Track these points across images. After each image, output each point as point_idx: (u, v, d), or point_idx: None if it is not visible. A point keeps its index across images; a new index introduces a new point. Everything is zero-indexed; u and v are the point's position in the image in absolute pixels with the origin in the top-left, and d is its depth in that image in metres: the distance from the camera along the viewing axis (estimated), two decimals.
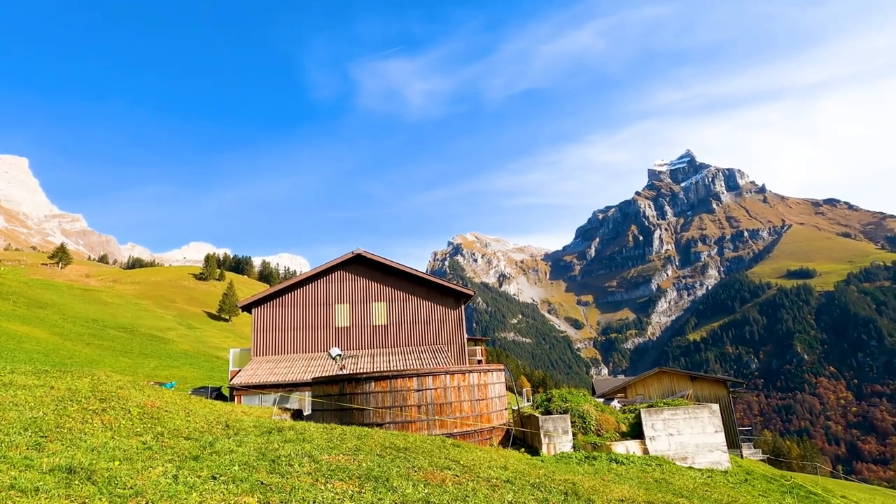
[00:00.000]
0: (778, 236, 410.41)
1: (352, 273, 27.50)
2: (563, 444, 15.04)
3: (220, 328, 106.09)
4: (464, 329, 26.95)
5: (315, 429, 9.56)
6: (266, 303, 27.00)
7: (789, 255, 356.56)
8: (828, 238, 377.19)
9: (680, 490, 10.50)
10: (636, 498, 7.69)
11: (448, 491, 6.29)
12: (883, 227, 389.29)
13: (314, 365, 24.07)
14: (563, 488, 7.48)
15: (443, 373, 14.89)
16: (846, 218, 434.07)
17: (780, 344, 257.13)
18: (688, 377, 32.87)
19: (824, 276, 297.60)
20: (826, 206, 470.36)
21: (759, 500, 11.76)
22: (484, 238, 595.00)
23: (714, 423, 16.13)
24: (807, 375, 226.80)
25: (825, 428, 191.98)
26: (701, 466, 15.36)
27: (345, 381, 15.19)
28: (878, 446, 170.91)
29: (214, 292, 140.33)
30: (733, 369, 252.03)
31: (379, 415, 14.32)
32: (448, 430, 14.33)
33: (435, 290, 27.29)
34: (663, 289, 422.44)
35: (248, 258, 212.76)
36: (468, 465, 8.09)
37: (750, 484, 13.90)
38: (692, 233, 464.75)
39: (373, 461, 7.25)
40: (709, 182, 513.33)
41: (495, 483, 7.17)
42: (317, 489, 5.49)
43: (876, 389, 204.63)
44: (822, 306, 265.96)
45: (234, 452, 6.68)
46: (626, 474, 11.87)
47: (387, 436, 9.91)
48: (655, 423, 15.82)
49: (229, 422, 9.25)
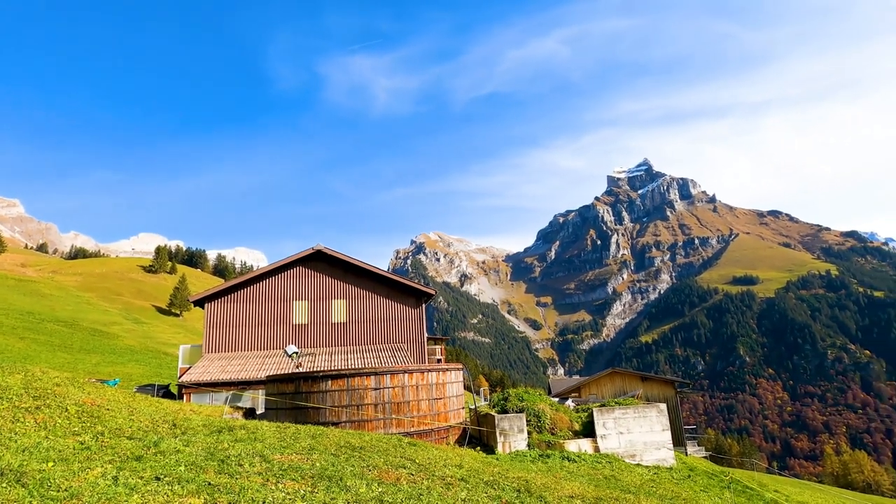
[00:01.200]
0: (726, 244, 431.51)
1: (311, 269, 26.98)
2: (518, 443, 15.30)
3: (170, 323, 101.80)
4: (424, 328, 26.95)
5: (268, 428, 9.33)
6: (220, 298, 26.12)
7: (735, 263, 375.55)
8: (770, 247, 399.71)
9: (628, 486, 10.88)
10: (586, 494, 7.91)
11: (402, 490, 6.28)
12: (819, 238, 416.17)
13: (269, 363, 23.49)
14: (516, 486, 7.61)
15: (401, 371, 14.85)
16: (787, 229, 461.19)
17: (724, 347, 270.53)
18: (639, 378, 34.07)
19: (766, 283, 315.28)
20: (770, 217, 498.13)
21: (700, 495, 12.33)
22: (447, 238, 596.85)
23: (661, 422, 16.81)
24: (748, 377, 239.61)
25: (763, 426, 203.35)
26: (648, 463, 15.98)
27: (301, 379, 14.90)
28: (809, 443, 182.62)
29: (165, 286, 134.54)
30: (681, 370, 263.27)
31: (335, 414, 14.13)
32: (405, 428, 14.31)
33: (396, 288, 27.16)
34: (619, 292, 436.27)
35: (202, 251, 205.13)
36: (424, 464, 8.10)
37: (693, 480, 14.56)
38: (647, 238, 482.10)
39: (327, 460, 7.15)
40: (664, 190, 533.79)
41: (450, 481, 7.22)
42: (267, 489, 5.36)
43: (808, 390, 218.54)
44: (764, 312, 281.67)
45: (181, 452, 6.43)
46: (577, 471, 12.19)
47: (342, 435, 9.79)
48: (607, 421, 16.33)
49: (177, 421, 8.90)
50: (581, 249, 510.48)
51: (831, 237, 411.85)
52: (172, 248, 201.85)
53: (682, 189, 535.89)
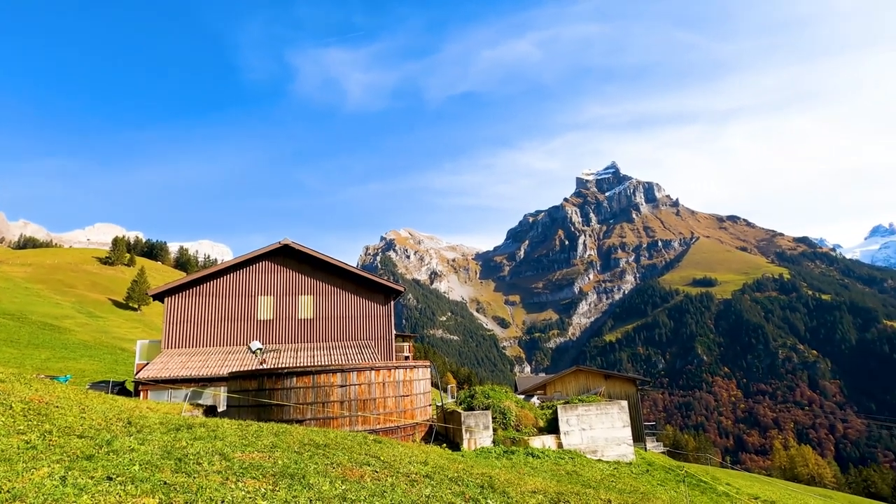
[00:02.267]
0: (687, 247, 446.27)
1: (278, 264, 26.46)
2: (483, 439, 15.44)
3: (127, 318, 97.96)
4: (392, 325, 26.84)
5: (229, 425, 9.11)
6: (181, 291, 25.31)
7: (695, 265, 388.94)
8: (728, 251, 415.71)
9: (589, 481, 11.14)
10: (548, 489, 8.06)
11: (366, 487, 6.25)
12: (773, 243, 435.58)
13: (232, 359, 22.93)
14: (479, 482, 7.68)
15: (368, 368, 14.75)
16: (744, 234, 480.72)
17: (683, 346, 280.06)
18: (602, 375, 34.89)
19: (724, 285, 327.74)
20: (728, 221, 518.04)
21: (657, 488, 12.74)
22: (418, 235, 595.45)
23: (622, 419, 17.27)
24: (705, 375, 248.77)
25: (718, 423, 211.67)
26: (609, 459, 16.40)
27: (264, 375, 14.61)
28: (759, 439, 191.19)
29: (122, 278, 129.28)
30: (643, 369, 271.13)
31: (300, 411, 13.92)
32: (371, 426, 14.23)
33: (364, 284, 26.93)
34: (585, 292, 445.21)
35: (163, 243, 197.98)
36: (388, 461, 8.08)
37: (650, 474, 15.03)
38: (613, 240, 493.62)
39: (289, 458, 7.04)
40: (630, 193, 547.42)
41: (414, 478, 7.22)
42: (227, 488, 5.24)
43: (760, 388, 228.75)
44: (721, 312, 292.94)
45: (136, 451, 6.21)
46: (540, 467, 12.40)
47: (306, 432, 9.65)
48: (570, 418, 16.66)
49: (132, 418, 8.59)
50: (549, 249, 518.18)
51: (784, 242, 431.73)
52: (131, 239, 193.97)
53: (648, 192, 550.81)
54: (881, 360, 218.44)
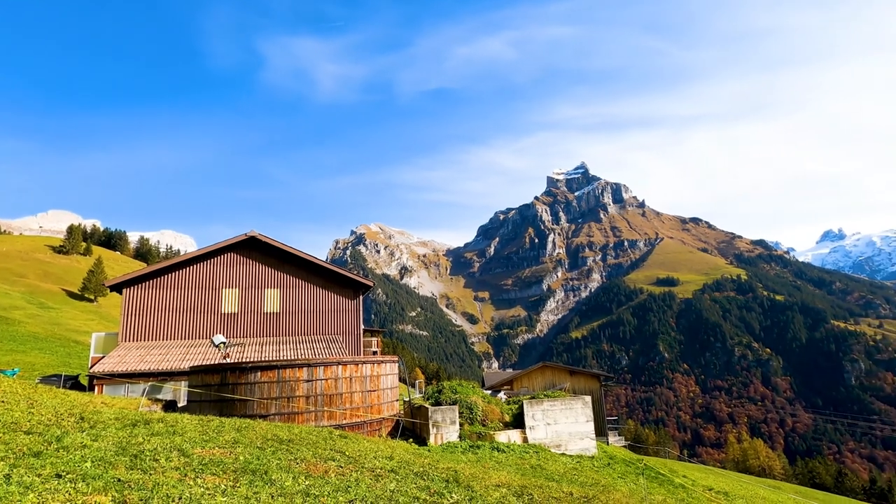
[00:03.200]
0: (652, 247, 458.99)
1: (244, 256, 25.85)
2: (450, 434, 15.52)
3: (82, 309, 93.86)
4: (360, 320, 26.64)
5: (189, 421, 8.87)
6: (141, 283, 24.42)
7: (659, 265, 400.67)
8: (690, 252, 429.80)
9: (552, 475, 11.36)
10: (512, 483, 8.18)
11: (330, 482, 6.20)
12: (733, 245, 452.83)
13: (194, 353, 22.30)
14: (445, 476, 7.73)
15: (335, 363, 14.60)
16: (706, 235, 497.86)
17: (646, 343, 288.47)
18: (567, 371, 35.59)
19: (685, 284, 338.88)
20: (691, 223, 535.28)
21: (617, 481, 13.11)
22: (388, 230, 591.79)
23: (586, 414, 17.67)
24: (666, 371, 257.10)
25: (677, 417, 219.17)
26: (572, 453, 16.76)
27: (228, 370, 14.28)
28: (715, 433, 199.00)
29: (78, 268, 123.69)
30: (607, 365, 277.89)
31: (264, 406, 13.67)
32: (337, 421, 14.10)
33: (333, 279, 26.61)
34: (553, 289, 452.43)
35: (122, 232, 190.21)
36: (354, 456, 8.04)
37: (611, 467, 15.45)
38: (581, 239, 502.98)
39: (252, 454, 6.91)
40: (598, 194, 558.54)
41: (379, 473, 7.21)
42: (185, 484, 5.10)
43: (717, 384, 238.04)
44: (682, 311, 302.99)
45: (88, 448, 5.97)
46: (506, 461, 12.57)
47: (270, 427, 9.49)
48: (535, 413, 16.93)
49: (85, 414, 8.25)
50: (519, 247, 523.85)
51: (743, 245, 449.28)
52: (87, 227, 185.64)
53: (615, 193, 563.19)
54: (828, 358, 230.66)
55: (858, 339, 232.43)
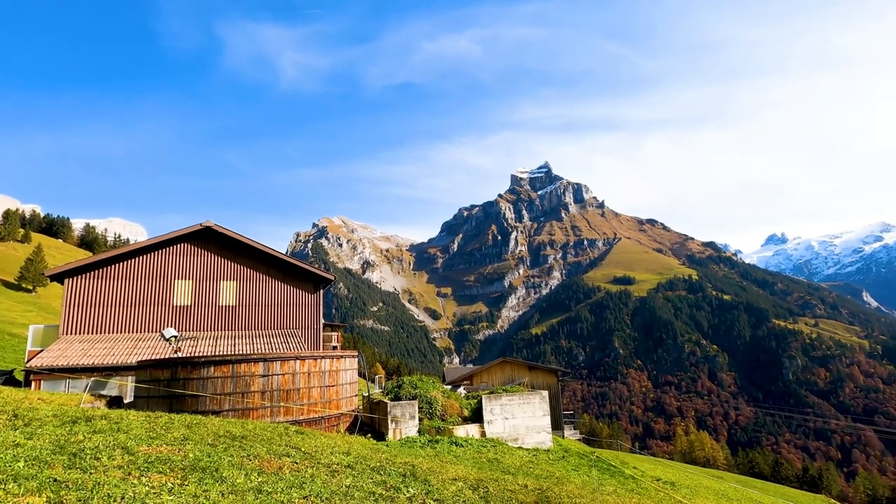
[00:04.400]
0: (610, 247, 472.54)
1: (198, 247, 24.92)
2: (409, 429, 15.53)
3: (18, 300, 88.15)
4: (320, 314, 26.20)
5: (135, 417, 8.50)
6: (86, 273, 23.15)
7: (617, 264, 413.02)
8: (646, 252, 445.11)
9: (508, 468, 11.55)
10: (468, 476, 8.26)
11: (284, 478, 6.08)
12: (685, 247, 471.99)
13: (143, 346, 21.36)
14: (402, 470, 7.72)
15: (293, 358, 14.32)
16: (661, 236, 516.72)
17: (602, 339, 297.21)
18: (526, 367, 36.22)
19: (640, 283, 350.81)
20: (647, 224, 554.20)
21: (571, 473, 13.48)
22: (351, 223, 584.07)
23: (543, 408, 18.05)
24: (620, 367, 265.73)
25: (629, 411, 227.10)
26: (529, 446, 17.10)
27: (178, 364, 13.75)
28: (665, 426, 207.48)
29: (14, 256, 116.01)
30: (565, 361, 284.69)
31: (217, 402, 13.26)
32: (294, 416, 13.85)
33: (293, 272, 26.05)
34: (514, 286, 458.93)
35: (65, 219, 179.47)
36: (309, 452, 7.91)
37: (566, 460, 15.86)
38: (543, 237, 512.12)
39: (202, 451, 6.69)
40: (561, 193, 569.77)
41: (336, 468, 7.13)
42: (128, 484, 4.88)
43: (668, 379, 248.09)
44: (637, 309, 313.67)
45: (21, 446, 5.62)
46: (463, 455, 12.69)
47: (222, 424, 9.22)
48: (494, 408, 17.17)
49: (19, 411, 7.77)
50: (483, 243, 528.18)
51: (694, 246, 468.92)
52: (26, 212, 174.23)
53: (577, 193, 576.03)
54: (769, 355, 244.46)
55: (796, 337, 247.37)
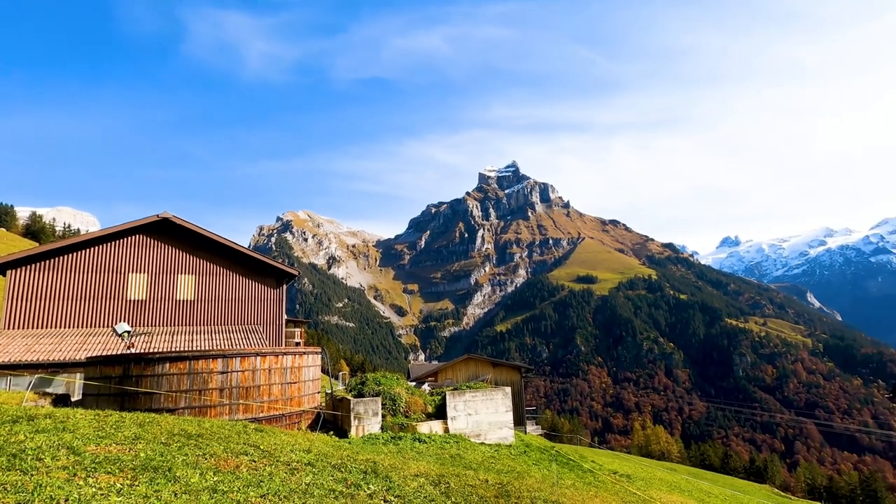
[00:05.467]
0: (574, 246, 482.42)
1: (155, 239, 23.98)
2: (372, 426, 15.45)
3: None
4: (283, 310, 25.71)
5: (82, 416, 8.13)
6: (30, 264, 21.92)
7: (580, 263, 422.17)
8: (608, 252, 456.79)
9: (470, 463, 11.67)
10: (430, 472, 8.30)
11: (241, 477, 5.96)
12: (646, 247, 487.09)
13: (93, 342, 20.41)
14: (363, 467, 7.69)
15: (253, 354, 14.00)
16: (623, 237, 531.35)
17: (565, 337, 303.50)
18: (490, 363, 36.61)
19: (603, 282, 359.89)
20: (610, 225, 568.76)
21: (532, 468, 13.73)
22: (317, 218, 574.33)
23: (506, 404, 18.30)
24: (582, 364, 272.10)
25: (590, 407, 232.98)
26: (491, 442, 17.31)
27: (132, 361, 13.22)
28: (623, 421, 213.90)
29: None
30: (529, 357, 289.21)
31: (172, 399, 12.83)
32: (253, 414, 13.56)
33: (254, 266, 25.43)
34: (480, 284, 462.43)
35: (8, 207, 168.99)
36: (268, 450, 7.77)
37: (527, 455, 16.15)
38: (509, 235, 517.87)
39: (154, 450, 6.47)
40: (528, 192, 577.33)
41: (295, 466, 7.03)
42: (73, 485, 4.67)
43: (627, 376, 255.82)
44: (599, 307, 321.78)
45: None
46: (426, 452, 12.73)
47: (177, 422, 8.93)
48: (458, 404, 17.28)
49: None
50: (450, 241, 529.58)
51: (654, 247, 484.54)
52: None
53: (543, 193, 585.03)
54: (721, 352, 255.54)
55: (747, 335, 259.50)
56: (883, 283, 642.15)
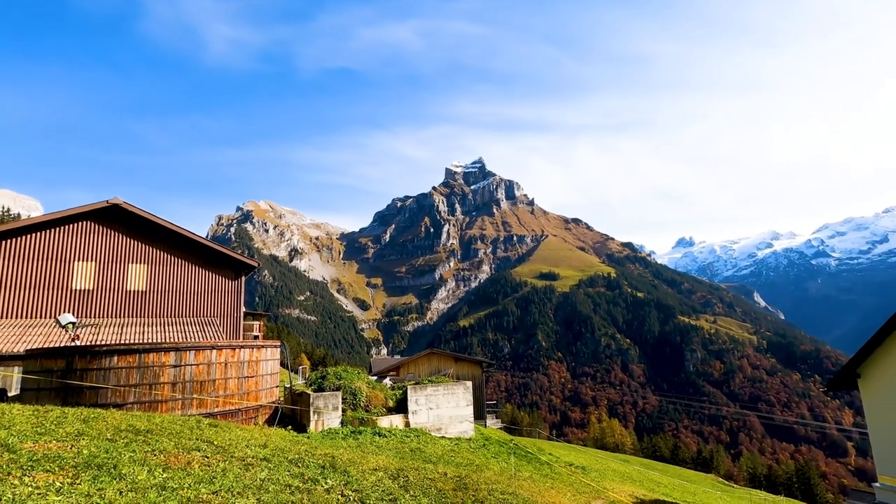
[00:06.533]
0: (537, 243, 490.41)
1: (104, 226, 22.83)
2: (331, 421, 15.29)
3: None
4: (241, 302, 25.02)
5: (19, 412, 7.68)
6: None
7: (543, 260, 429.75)
8: (570, 250, 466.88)
9: (430, 457, 11.73)
10: (389, 466, 8.29)
11: (193, 474, 5.77)
12: (606, 246, 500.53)
13: (33, 333, 19.29)
14: (321, 462, 7.60)
15: (208, 347, 13.58)
16: (584, 235, 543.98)
17: (527, 332, 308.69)
18: (452, 358, 36.83)
19: (564, 279, 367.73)
20: (573, 223, 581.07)
21: (491, 461, 13.93)
22: (279, 209, 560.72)
23: (466, 398, 18.47)
24: (542, 359, 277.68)
25: (549, 401, 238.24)
26: (452, 435, 17.44)
27: (76, 353, 12.57)
28: (580, 414, 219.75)
29: None
30: (491, 352, 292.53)
31: (120, 394, 12.29)
32: (208, 409, 13.17)
33: (212, 257, 24.61)
34: (445, 279, 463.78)
35: None
36: (223, 446, 7.57)
37: (486, 448, 16.36)
38: (474, 231, 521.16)
39: (99, 447, 6.18)
40: (493, 189, 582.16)
41: (250, 462, 6.87)
42: (6, 484, 4.41)
43: (585, 370, 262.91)
44: (560, 304, 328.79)
45: None
46: (386, 446, 12.70)
47: (125, 417, 8.57)
48: (419, 398, 17.32)
49: None
50: (415, 235, 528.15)
51: (614, 246, 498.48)
52: None
53: (509, 190, 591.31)
54: (674, 348, 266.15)
55: (698, 332, 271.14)
56: (822, 284, 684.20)
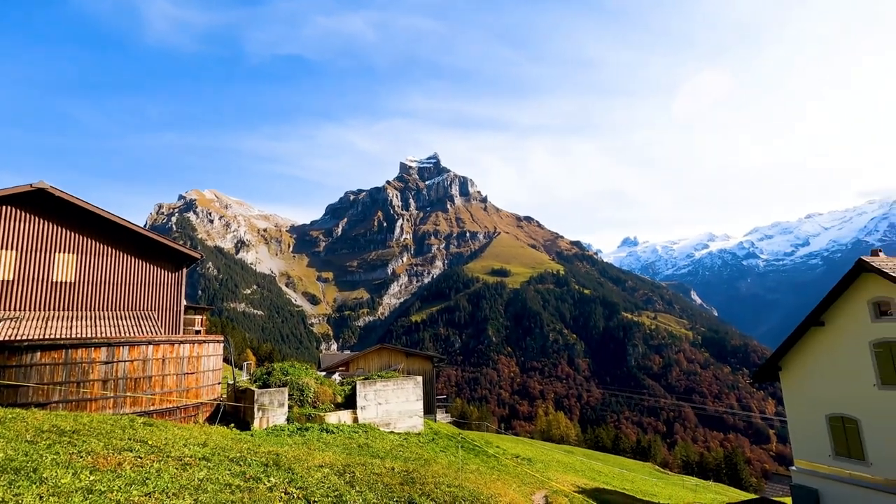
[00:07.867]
0: (490, 240, 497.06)
1: (28, 212, 21.11)
2: (277, 417, 14.91)
3: None
4: (182, 296, 23.86)
5: None
6: None
7: (495, 257, 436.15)
8: (522, 247, 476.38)
9: (378, 452, 11.68)
10: (335, 463, 8.19)
11: (123, 475, 5.47)
12: (556, 244, 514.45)
13: None
14: (264, 460, 7.40)
15: (144, 343, 12.88)
16: (535, 233, 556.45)
17: (478, 328, 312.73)
18: (403, 353, 36.76)
19: (515, 276, 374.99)
20: (525, 221, 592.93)
21: (439, 454, 14.04)
22: (225, 199, 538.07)
23: (416, 393, 18.51)
24: (492, 354, 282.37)
25: (498, 395, 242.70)
26: (401, 430, 17.44)
27: None
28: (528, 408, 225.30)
29: None
30: (442, 347, 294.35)
31: (43, 393, 11.45)
32: (143, 408, 12.51)
33: (150, 247, 23.31)
34: (397, 273, 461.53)
35: None
36: (158, 445, 7.21)
37: (435, 442, 16.48)
38: (428, 227, 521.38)
39: (17, 449, 5.74)
40: (448, 185, 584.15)
41: (188, 461, 6.59)
42: None
43: (533, 365, 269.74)
44: (511, 300, 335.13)
45: None
46: (333, 442, 12.53)
47: (48, 417, 7.99)
48: (368, 393, 17.19)
49: None
50: (368, 229, 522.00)
51: (563, 244, 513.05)
52: None
53: (463, 187, 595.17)
54: (617, 343, 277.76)
55: (640, 328, 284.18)
56: (751, 283, 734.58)
